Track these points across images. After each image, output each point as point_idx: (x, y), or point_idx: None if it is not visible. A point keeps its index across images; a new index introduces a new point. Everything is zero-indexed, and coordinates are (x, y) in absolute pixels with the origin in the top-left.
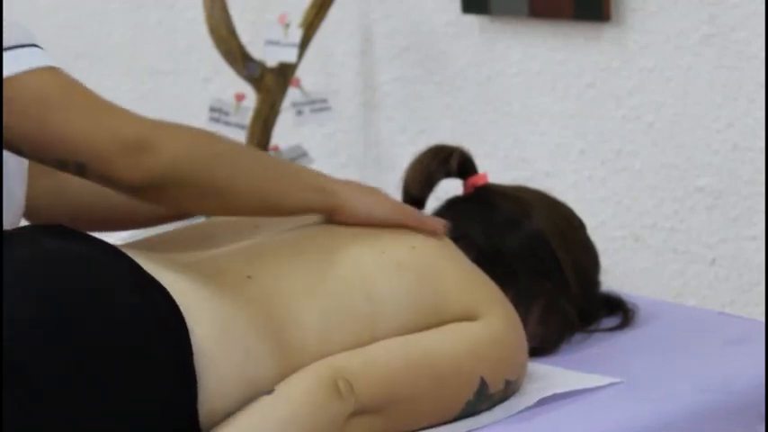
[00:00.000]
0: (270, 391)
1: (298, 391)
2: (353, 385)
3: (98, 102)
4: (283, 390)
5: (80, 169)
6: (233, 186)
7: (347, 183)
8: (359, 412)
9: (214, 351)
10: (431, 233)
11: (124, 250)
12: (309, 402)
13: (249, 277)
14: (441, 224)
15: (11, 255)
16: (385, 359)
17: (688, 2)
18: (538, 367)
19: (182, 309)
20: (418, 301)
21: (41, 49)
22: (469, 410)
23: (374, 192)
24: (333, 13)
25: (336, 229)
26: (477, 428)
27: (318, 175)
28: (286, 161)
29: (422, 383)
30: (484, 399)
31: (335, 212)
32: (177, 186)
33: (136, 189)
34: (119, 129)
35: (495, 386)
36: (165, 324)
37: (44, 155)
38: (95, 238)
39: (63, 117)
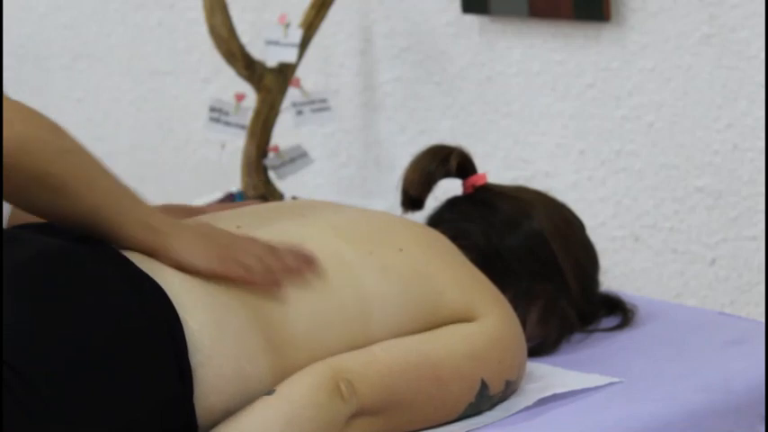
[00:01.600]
0: (271, 392)
1: (299, 392)
2: (355, 386)
3: None
4: (284, 390)
5: None
6: (73, 187)
7: (183, 226)
8: (360, 413)
9: (209, 346)
10: (265, 286)
11: (116, 248)
12: (311, 403)
13: None
14: (274, 280)
15: (7, 254)
16: (386, 361)
17: (688, 2)
18: (537, 367)
19: (175, 304)
20: (410, 302)
21: None
22: (470, 412)
23: (210, 238)
24: (333, 13)
25: (326, 230)
26: (477, 428)
27: (152, 211)
28: (128, 186)
29: (423, 386)
30: (485, 400)
31: (158, 254)
32: (16, 170)
33: None
34: None
35: (496, 387)
36: (159, 320)
37: None
38: (88, 237)
39: None
